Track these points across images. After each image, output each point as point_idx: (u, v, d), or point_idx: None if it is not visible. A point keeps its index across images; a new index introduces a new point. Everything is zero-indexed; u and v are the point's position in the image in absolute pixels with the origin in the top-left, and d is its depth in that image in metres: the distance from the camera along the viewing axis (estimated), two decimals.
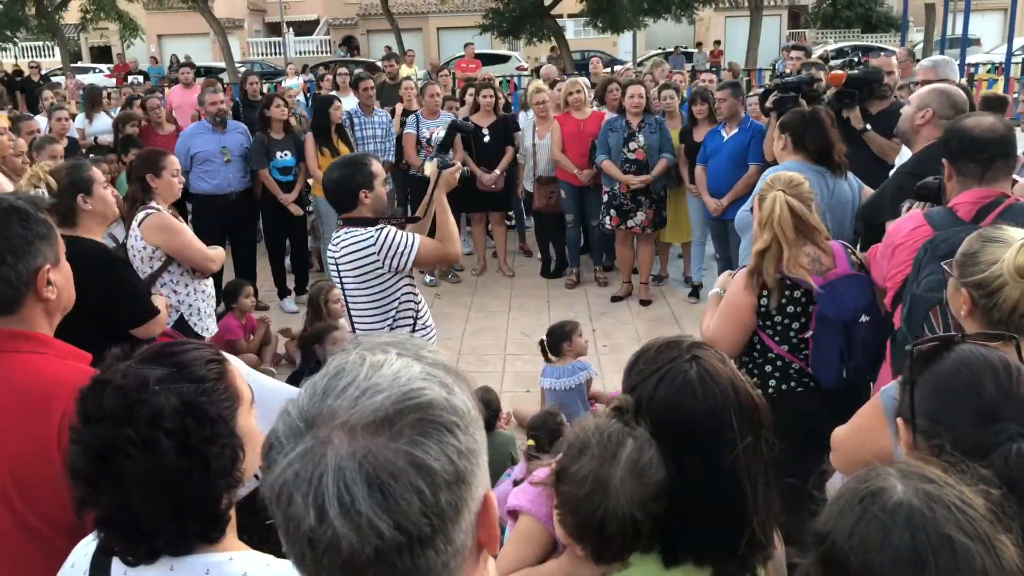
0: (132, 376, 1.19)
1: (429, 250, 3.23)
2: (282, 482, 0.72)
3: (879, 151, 4.33)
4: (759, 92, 5.77)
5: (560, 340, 4.58)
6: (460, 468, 0.74)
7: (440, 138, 3.53)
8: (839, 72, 4.43)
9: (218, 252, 3.85)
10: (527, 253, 8.23)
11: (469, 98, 7.64)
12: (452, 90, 8.79)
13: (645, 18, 23.81)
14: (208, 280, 3.87)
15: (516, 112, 8.49)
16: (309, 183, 6.76)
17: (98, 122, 8.00)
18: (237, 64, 24.87)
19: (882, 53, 6.47)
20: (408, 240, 3.12)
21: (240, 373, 1.32)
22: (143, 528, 1.17)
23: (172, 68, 13.75)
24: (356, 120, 6.97)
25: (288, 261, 7.01)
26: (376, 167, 3.21)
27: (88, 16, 24.76)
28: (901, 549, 0.95)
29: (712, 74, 9.37)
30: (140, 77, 18.97)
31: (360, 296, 3.20)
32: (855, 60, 4.85)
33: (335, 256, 3.18)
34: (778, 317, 2.73)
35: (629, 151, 6.35)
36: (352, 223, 3.16)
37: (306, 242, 7.03)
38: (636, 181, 6.30)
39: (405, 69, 12.12)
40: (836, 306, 2.65)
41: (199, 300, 3.77)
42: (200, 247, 3.71)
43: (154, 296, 3.20)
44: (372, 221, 3.15)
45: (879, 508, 0.99)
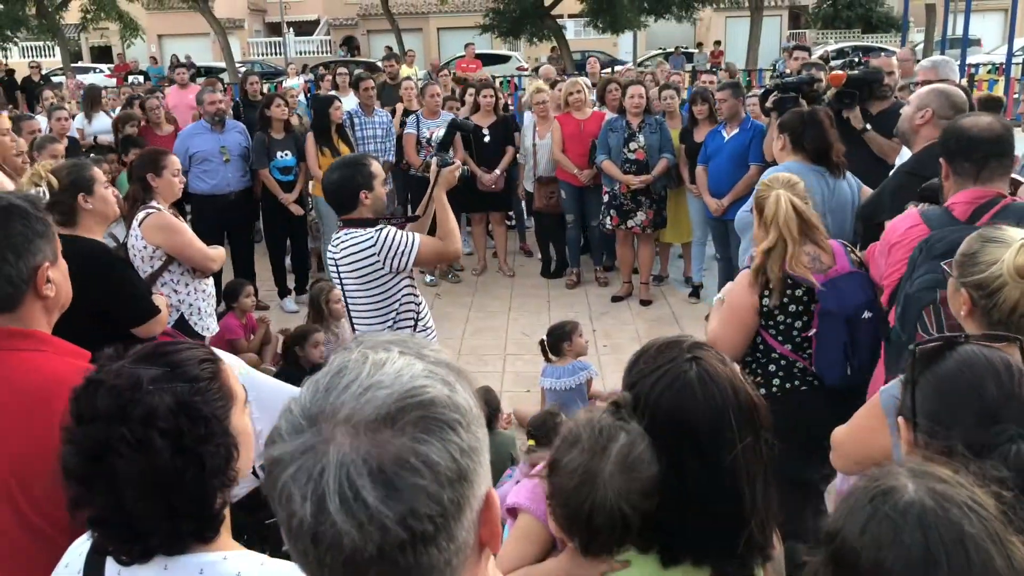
0: (126, 376, 1.19)
1: (430, 248, 3.23)
2: (284, 480, 0.72)
3: (879, 151, 4.33)
4: (759, 93, 5.78)
5: (560, 340, 4.58)
6: (462, 465, 0.74)
7: (440, 137, 3.53)
8: (839, 72, 4.44)
9: (218, 252, 3.85)
10: (527, 253, 8.23)
11: (469, 98, 7.64)
12: (452, 90, 8.79)
13: (646, 18, 23.82)
14: (208, 279, 3.87)
15: (513, 112, 8.49)
16: (309, 183, 6.77)
17: (97, 122, 7.99)
18: (237, 64, 24.88)
19: (882, 53, 6.47)
20: (408, 240, 3.11)
21: (233, 373, 1.32)
22: (137, 528, 1.17)
23: (172, 68, 13.68)
24: (356, 120, 6.97)
25: (288, 261, 7.01)
26: (376, 167, 3.21)
27: (88, 16, 24.76)
28: (912, 548, 0.95)
29: (712, 75, 9.36)
30: (140, 77, 18.97)
31: (361, 297, 3.19)
32: (855, 60, 4.86)
33: (335, 257, 3.17)
34: (780, 316, 2.73)
35: (629, 151, 6.35)
36: (352, 224, 3.15)
37: (306, 242, 7.03)
38: (636, 181, 6.30)
39: (405, 69, 12.12)
40: (838, 302, 2.66)
41: (199, 299, 3.78)
42: (201, 247, 3.72)
43: (155, 295, 3.20)
44: (372, 222, 3.14)
45: (890, 507, 0.98)
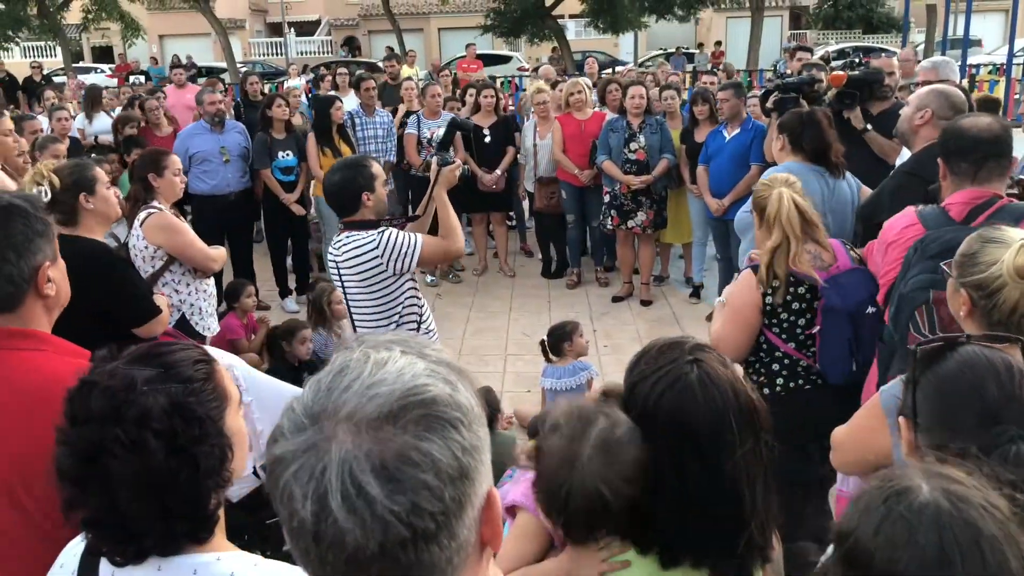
0: (120, 377, 1.19)
1: (433, 248, 3.20)
2: (286, 478, 0.72)
3: (880, 151, 4.33)
4: (759, 93, 5.78)
5: (561, 340, 4.58)
6: (464, 464, 0.74)
7: (440, 136, 3.53)
8: (840, 73, 4.44)
9: (219, 252, 3.85)
10: (528, 253, 8.23)
11: (470, 99, 7.65)
12: (453, 91, 8.79)
13: (647, 18, 23.81)
14: (210, 279, 3.87)
15: (513, 112, 8.49)
16: (311, 184, 6.77)
17: (98, 122, 8.00)
18: (239, 64, 24.88)
19: (883, 54, 6.47)
20: (410, 240, 3.09)
21: (227, 374, 1.32)
22: (131, 529, 1.17)
23: (171, 69, 13.64)
24: (357, 120, 6.97)
25: (289, 261, 7.02)
26: (376, 168, 3.19)
27: (90, 16, 24.75)
28: (927, 548, 0.95)
29: (713, 75, 9.36)
30: (141, 77, 18.97)
31: (363, 300, 3.16)
32: (856, 61, 4.86)
33: (336, 259, 3.14)
34: (784, 314, 2.74)
35: (630, 151, 6.35)
36: (354, 226, 3.13)
37: (307, 242, 7.03)
38: (637, 182, 6.30)
39: (406, 69, 12.12)
40: (842, 298, 2.67)
41: (200, 299, 3.78)
42: (202, 247, 3.72)
43: (156, 295, 3.20)
44: (373, 224, 3.12)
45: (905, 507, 0.98)
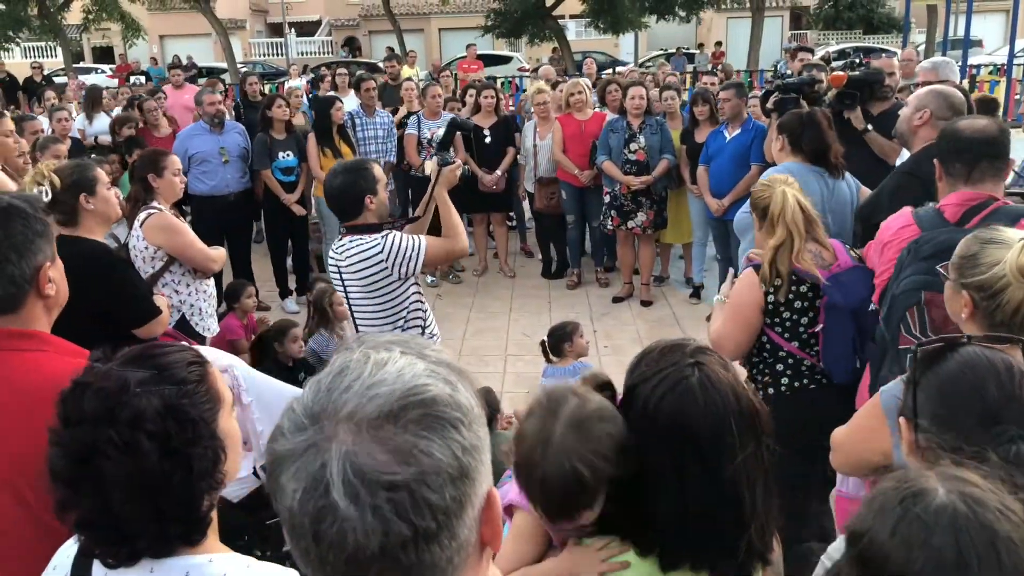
0: (113, 378, 1.19)
1: (437, 249, 3.18)
2: (287, 478, 0.73)
3: (880, 152, 4.33)
4: (760, 93, 5.78)
5: (561, 341, 4.58)
6: (464, 463, 0.74)
7: (440, 136, 3.52)
8: (840, 73, 4.44)
9: (219, 252, 3.86)
10: (528, 254, 8.23)
11: (470, 99, 7.65)
12: (454, 91, 8.79)
13: (648, 18, 23.79)
14: (209, 280, 3.87)
15: (513, 113, 8.49)
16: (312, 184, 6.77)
17: (98, 122, 8.00)
18: (239, 65, 24.89)
19: (883, 54, 6.47)
20: (415, 243, 3.06)
21: (221, 376, 1.33)
22: (124, 530, 1.17)
23: (170, 69, 13.59)
24: (358, 121, 6.98)
25: (290, 261, 7.02)
26: (378, 171, 3.16)
27: (90, 17, 24.74)
28: (944, 550, 0.95)
29: (713, 76, 9.36)
30: (142, 78, 18.98)
31: (367, 305, 3.12)
32: (856, 61, 4.86)
33: (339, 265, 3.10)
34: (786, 313, 2.75)
35: (630, 152, 6.35)
36: (356, 230, 3.09)
37: (307, 243, 7.04)
38: (637, 182, 6.31)
39: (407, 70, 12.13)
40: (844, 295, 2.68)
41: (200, 300, 3.78)
42: (202, 247, 3.72)
43: (156, 296, 3.20)
44: (376, 227, 3.09)
45: (922, 509, 0.98)
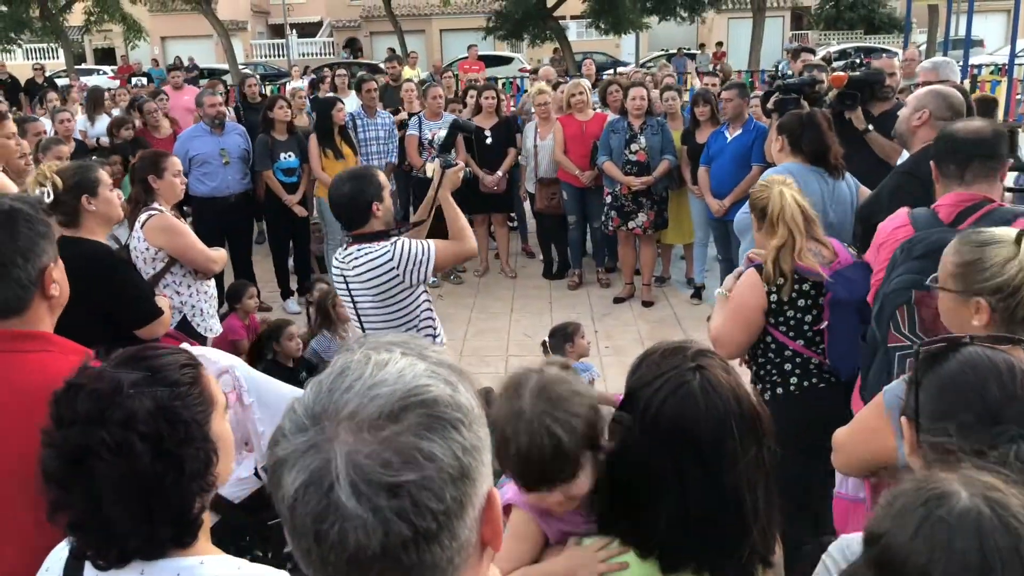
0: (106, 379, 1.20)
1: (446, 252, 3.13)
2: (288, 478, 0.73)
3: (881, 152, 4.33)
4: (760, 94, 5.78)
5: (562, 341, 4.58)
6: (465, 464, 0.74)
7: (442, 138, 3.51)
8: (841, 74, 4.45)
9: (220, 253, 3.86)
10: (529, 254, 8.23)
11: (471, 100, 7.65)
12: (455, 92, 8.80)
13: (649, 18, 23.78)
14: (210, 281, 3.87)
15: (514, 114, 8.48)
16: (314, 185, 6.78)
17: (100, 124, 8.01)
18: (240, 66, 24.90)
19: (884, 55, 6.47)
20: (424, 248, 3.02)
21: (214, 378, 1.33)
22: (115, 532, 1.17)
23: (169, 71, 13.56)
24: (359, 122, 6.98)
25: (291, 262, 7.03)
26: (382, 178, 3.12)
27: (92, 18, 24.75)
28: (967, 554, 0.94)
29: (714, 76, 9.35)
30: (144, 79, 19.00)
31: (378, 315, 3.06)
32: (857, 62, 4.86)
33: (346, 274, 3.04)
34: (790, 312, 2.75)
35: (631, 152, 6.35)
36: (363, 239, 3.03)
37: (309, 243, 7.04)
38: (637, 183, 6.31)
39: (408, 71, 12.14)
40: (849, 290, 2.70)
41: (201, 301, 3.78)
42: (202, 248, 3.72)
43: (158, 297, 3.21)
44: (383, 234, 3.04)
45: (946, 511, 0.97)
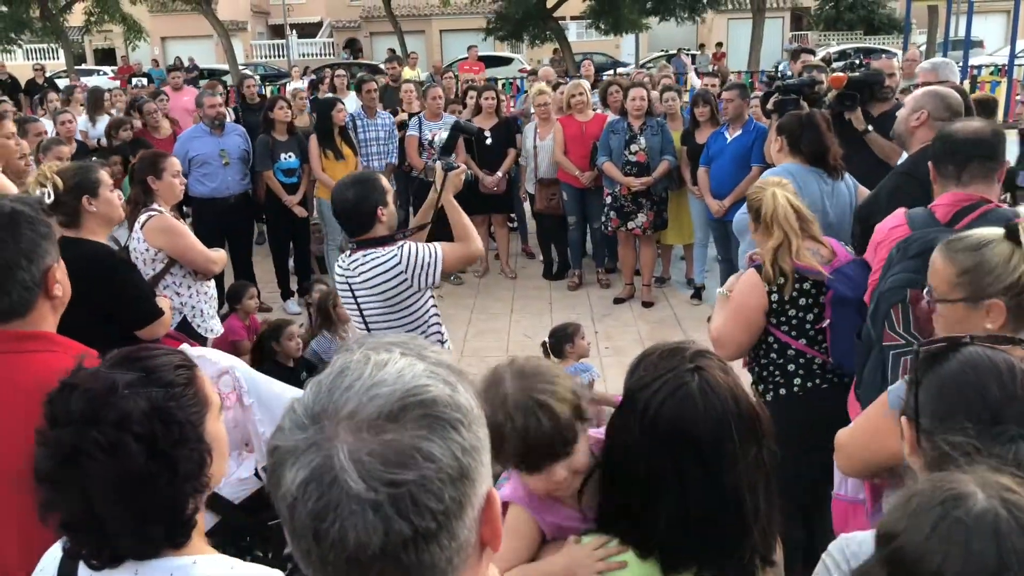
0: (100, 380, 1.20)
1: (454, 255, 3.09)
2: (287, 478, 0.73)
3: (881, 153, 4.33)
4: (760, 95, 5.78)
5: (562, 342, 4.58)
6: (464, 464, 0.74)
7: (443, 140, 3.50)
8: (840, 74, 4.45)
9: (220, 254, 3.86)
10: (529, 255, 8.23)
11: (470, 101, 7.65)
12: (456, 93, 8.80)
13: (648, 19, 23.79)
14: (210, 282, 3.87)
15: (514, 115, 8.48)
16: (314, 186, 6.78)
17: (101, 124, 8.01)
18: (240, 66, 24.90)
19: (883, 55, 6.48)
20: (431, 251, 2.98)
21: (209, 380, 1.33)
22: (108, 532, 1.17)
23: (169, 71, 13.57)
24: (359, 122, 6.99)
25: (291, 263, 7.03)
26: (385, 182, 3.08)
27: (92, 19, 24.75)
28: (984, 555, 0.94)
29: (714, 77, 9.36)
30: (144, 80, 19.01)
31: (386, 321, 3.00)
32: (856, 62, 4.87)
33: (351, 281, 3.00)
34: (792, 311, 2.76)
35: (630, 153, 6.35)
36: (368, 244, 2.98)
37: (309, 244, 7.05)
38: (637, 183, 6.31)
39: (408, 71, 12.15)
40: (850, 287, 2.70)
41: (201, 302, 3.79)
42: (202, 249, 3.73)
43: (158, 298, 3.21)
44: (388, 239, 3.00)
45: (963, 512, 0.97)
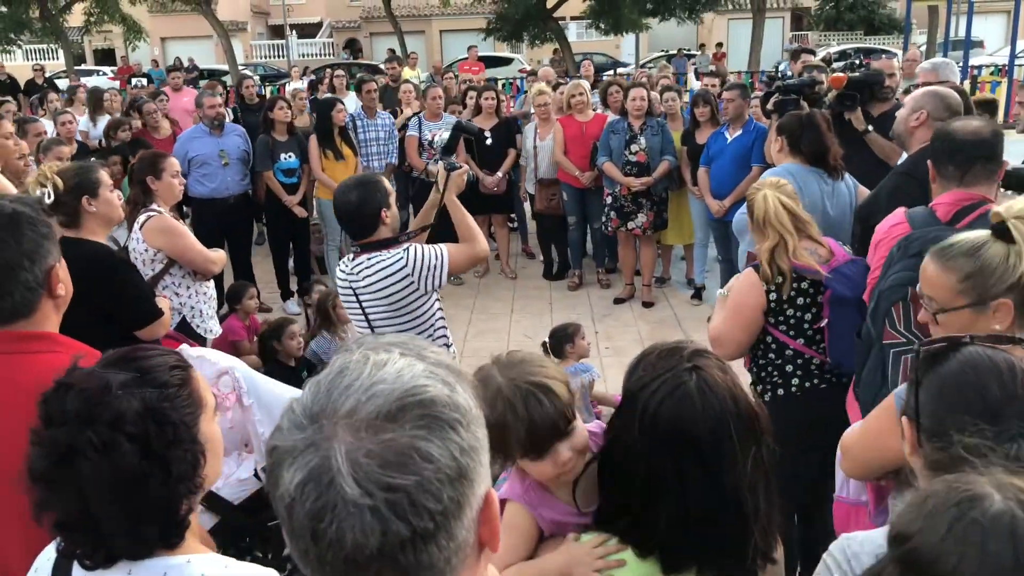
0: (95, 380, 1.20)
1: (459, 256, 3.06)
2: (286, 477, 0.73)
3: (881, 153, 4.33)
4: (760, 95, 5.78)
5: (563, 342, 4.59)
6: (462, 464, 0.74)
7: (444, 140, 3.49)
8: (840, 75, 4.45)
9: (219, 254, 3.86)
10: (529, 255, 8.23)
11: (470, 101, 7.66)
12: (456, 94, 8.80)
13: (648, 19, 23.79)
14: (209, 282, 3.87)
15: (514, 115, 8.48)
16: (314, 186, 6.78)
17: (102, 125, 8.00)
18: (240, 67, 24.90)
19: (883, 55, 6.48)
20: (437, 253, 2.95)
21: (204, 380, 1.34)
22: (102, 532, 1.17)
23: (168, 72, 13.59)
24: (359, 122, 6.99)
25: (291, 263, 7.03)
26: (387, 184, 3.06)
27: (92, 19, 24.75)
28: (1000, 557, 0.93)
29: (714, 77, 9.35)
30: (144, 80, 19.00)
31: (392, 326, 2.98)
32: (857, 62, 4.87)
33: (355, 285, 2.96)
34: (790, 310, 2.76)
35: (630, 153, 6.35)
36: (372, 247, 2.95)
37: (309, 244, 7.05)
38: (637, 183, 6.30)
39: (408, 72, 12.15)
40: (848, 287, 2.70)
41: (201, 302, 3.79)
42: (201, 249, 3.73)
43: (158, 298, 3.21)
44: (393, 241, 2.97)
45: (979, 513, 0.97)
